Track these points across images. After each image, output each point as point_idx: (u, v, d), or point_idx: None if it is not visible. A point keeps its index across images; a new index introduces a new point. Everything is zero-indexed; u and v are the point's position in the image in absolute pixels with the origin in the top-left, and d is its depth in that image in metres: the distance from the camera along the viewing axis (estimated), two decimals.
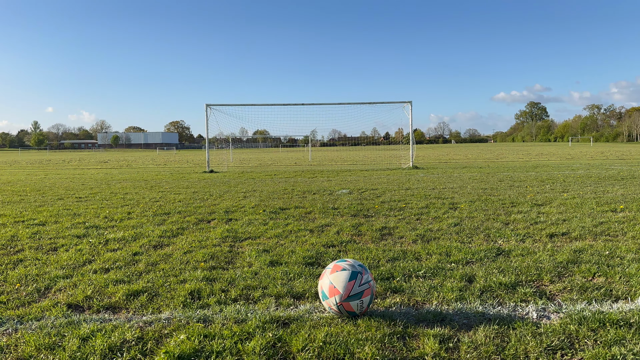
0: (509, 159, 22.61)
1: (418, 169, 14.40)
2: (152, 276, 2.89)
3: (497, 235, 3.94)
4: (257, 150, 64.57)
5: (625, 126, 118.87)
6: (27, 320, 2.20)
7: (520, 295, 2.44)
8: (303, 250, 3.47)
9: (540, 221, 4.51)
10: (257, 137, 62.71)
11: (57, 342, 1.93)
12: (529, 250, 3.37)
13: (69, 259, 3.34)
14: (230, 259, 3.32)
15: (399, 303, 2.37)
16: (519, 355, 1.79)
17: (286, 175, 12.36)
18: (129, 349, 1.88)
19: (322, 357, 1.80)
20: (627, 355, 1.76)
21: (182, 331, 2.03)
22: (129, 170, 17.34)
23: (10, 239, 4.11)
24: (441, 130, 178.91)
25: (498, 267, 2.93)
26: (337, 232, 4.21)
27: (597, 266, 2.91)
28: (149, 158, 35.33)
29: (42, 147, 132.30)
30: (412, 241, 3.79)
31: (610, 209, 5.16)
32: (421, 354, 1.81)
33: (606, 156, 23.04)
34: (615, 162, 16.95)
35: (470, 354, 1.80)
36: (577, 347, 1.84)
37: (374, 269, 2.96)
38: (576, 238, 3.78)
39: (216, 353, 1.82)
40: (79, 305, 2.42)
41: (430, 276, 2.80)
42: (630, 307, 2.24)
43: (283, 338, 1.95)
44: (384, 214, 5.16)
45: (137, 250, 3.59)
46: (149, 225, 4.69)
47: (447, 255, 3.26)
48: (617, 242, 3.60)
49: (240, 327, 2.04)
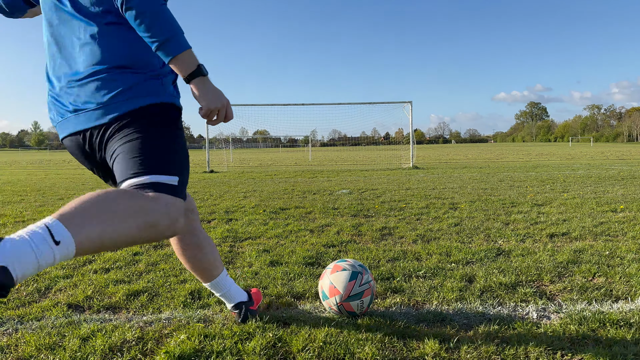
0: (509, 159, 22.61)
1: (418, 169, 14.40)
2: (152, 276, 2.89)
3: (498, 235, 3.94)
4: (257, 150, 64.58)
5: (626, 126, 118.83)
6: (28, 320, 2.20)
7: (521, 295, 2.44)
8: (303, 250, 3.47)
9: (541, 221, 4.51)
10: (257, 137, 62.66)
11: (58, 342, 1.93)
12: (529, 251, 3.37)
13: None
14: (230, 259, 3.32)
15: (399, 303, 2.37)
16: (519, 355, 1.79)
17: (286, 175, 12.36)
18: (129, 349, 1.88)
19: (322, 357, 1.80)
20: (627, 355, 1.76)
21: (183, 331, 2.03)
22: None
23: None
24: (441, 130, 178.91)
25: (498, 267, 2.93)
26: (338, 232, 4.21)
27: (597, 266, 2.91)
28: None
29: (43, 147, 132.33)
30: (412, 241, 3.79)
31: (611, 209, 5.16)
32: (421, 354, 1.81)
33: (606, 156, 23.04)
34: (616, 162, 16.94)
35: (471, 354, 1.80)
36: (577, 348, 1.84)
37: (374, 269, 2.96)
38: (576, 238, 3.78)
39: (216, 353, 1.82)
40: (79, 305, 2.42)
41: (430, 276, 2.80)
42: (630, 307, 2.24)
43: (283, 338, 1.95)
44: (384, 214, 5.17)
45: (137, 250, 3.59)
46: None
47: (447, 255, 3.26)
48: (617, 242, 3.61)
49: (240, 327, 2.04)
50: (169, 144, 1.59)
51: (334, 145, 55.22)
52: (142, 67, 1.59)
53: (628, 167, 13.43)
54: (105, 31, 1.57)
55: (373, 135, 51.82)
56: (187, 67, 1.51)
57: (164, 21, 1.47)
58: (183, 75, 1.53)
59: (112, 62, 1.56)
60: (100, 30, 1.56)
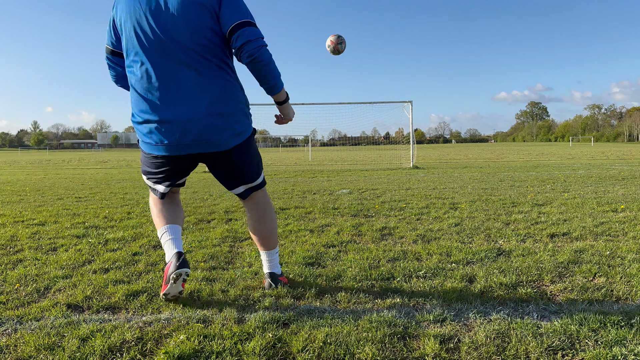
0: (510, 159, 22.60)
1: (418, 169, 14.40)
2: (152, 276, 2.89)
3: (498, 235, 3.93)
4: None
5: (626, 126, 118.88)
6: (27, 321, 2.20)
7: (521, 295, 2.43)
8: (303, 251, 3.47)
9: (541, 221, 4.51)
10: (257, 137, 62.63)
11: (57, 343, 1.93)
12: (530, 251, 3.36)
13: (69, 259, 3.33)
14: (230, 259, 3.32)
15: (399, 303, 2.36)
16: (519, 355, 1.78)
17: (286, 175, 12.36)
18: (129, 349, 1.87)
19: (322, 357, 1.80)
20: (628, 355, 1.75)
21: (182, 331, 2.02)
22: (129, 170, 17.35)
23: (10, 239, 4.11)
24: (442, 130, 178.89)
25: (499, 268, 2.93)
26: (338, 232, 4.21)
27: (597, 266, 2.90)
28: None
29: (42, 147, 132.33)
30: (412, 241, 3.78)
31: (611, 209, 5.15)
32: (422, 354, 1.80)
33: (607, 156, 23.03)
34: (616, 162, 16.94)
35: (471, 354, 1.80)
36: (577, 348, 1.83)
37: (374, 269, 2.95)
38: (577, 238, 3.77)
39: (216, 353, 1.82)
40: (78, 305, 2.42)
41: (430, 276, 2.79)
42: (631, 307, 2.24)
43: (283, 338, 1.94)
44: (384, 214, 5.16)
45: (137, 251, 3.58)
46: (149, 225, 4.69)
47: (447, 256, 3.26)
48: (618, 242, 3.60)
49: (240, 328, 2.04)
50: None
51: (334, 145, 55.17)
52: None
53: (629, 167, 13.42)
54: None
55: (373, 135, 51.80)
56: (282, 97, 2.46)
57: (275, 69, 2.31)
58: (278, 102, 2.49)
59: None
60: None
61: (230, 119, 2.29)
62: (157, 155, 2.35)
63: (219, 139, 2.28)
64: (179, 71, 2.20)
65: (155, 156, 2.37)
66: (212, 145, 2.28)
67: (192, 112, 2.20)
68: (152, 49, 2.20)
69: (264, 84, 2.30)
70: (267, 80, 2.27)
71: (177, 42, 2.18)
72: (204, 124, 2.22)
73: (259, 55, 2.17)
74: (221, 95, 2.25)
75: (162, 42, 2.18)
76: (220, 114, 2.25)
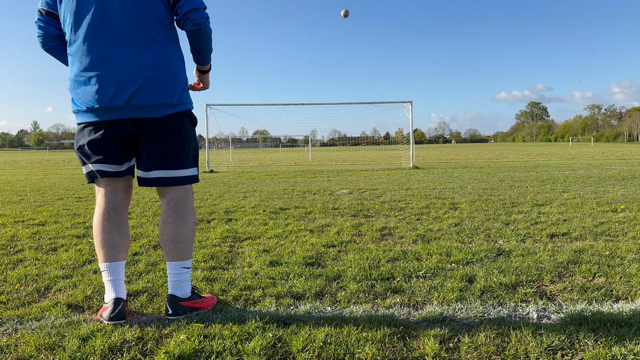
0: (510, 159, 22.61)
1: (418, 169, 14.41)
2: (152, 276, 2.89)
3: (498, 235, 3.93)
4: (257, 150, 64.54)
5: (626, 126, 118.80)
6: (27, 321, 2.20)
7: (521, 295, 2.44)
8: (303, 251, 3.47)
9: (541, 221, 4.51)
10: (257, 137, 62.67)
11: (57, 342, 1.93)
12: (530, 251, 3.36)
13: (69, 259, 3.33)
14: (230, 259, 3.32)
15: (399, 303, 2.37)
16: (519, 355, 1.79)
17: (286, 175, 12.37)
18: (129, 349, 1.87)
19: (322, 357, 1.80)
20: (627, 355, 1.75)
21: (182, 331, 2.02)
22: None
23: (10, 239, 4.11)
24: (442, 130, 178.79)
25: (498, 268, 2.93)
26: (338, 232, 4.21)
27: (597, 266, 2.90)
28: None
29: (42, 147, 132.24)
30: (412, 241, 3.78)
31: (611, 209, 5.15)
32: (422, 354, 1.81)
33: (607, 156, 23.04)
34: (616, 162, 16.94)
35: (471, 354, 1.80)
36: (577, 348, 1.83)
37: (374, 269, 2.95)
38: (577, 238, 3.78)
39: (216, 353, 1.82)
40: (78, 305, 2.42)
41: (430, 276, 2.80)
42: (630, 307, 2.24)
43: (283, 338, 1.95)
44: (384, 214, 5.16)
45: (137, 251, 3.59)
46: (149, 225, 4.69)
47: (447, 256, 3.26)
48: (617, 242, 3.60)
49: (240, 327, 2.04)
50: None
51: (334, 145, 55.21)
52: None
53: (628, 167, 13.42)
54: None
55: (373, 135, 51.83)
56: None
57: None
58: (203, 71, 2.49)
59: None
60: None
61: (164, 87, 2.19)
62: (90, 122, 2.20)
63: (150, 105, 2.17)
64: (121, 36, 2.14)
65: (88, 124, 2.22)
66: (143, 110, 2.17)
67: (127, 74, 2.13)
68: (95, 15, 2.14)
69: (199, 54, 2.32)
70: (205, 50, 2.31)
71: (121, 7, 2.12)
72: (138, 86, 2.14)
73: (205, 25, 2.18)
74: (159, 63, 2.19)
75: (103, 7, 2.13)
76: (155, 78, 2.17)
